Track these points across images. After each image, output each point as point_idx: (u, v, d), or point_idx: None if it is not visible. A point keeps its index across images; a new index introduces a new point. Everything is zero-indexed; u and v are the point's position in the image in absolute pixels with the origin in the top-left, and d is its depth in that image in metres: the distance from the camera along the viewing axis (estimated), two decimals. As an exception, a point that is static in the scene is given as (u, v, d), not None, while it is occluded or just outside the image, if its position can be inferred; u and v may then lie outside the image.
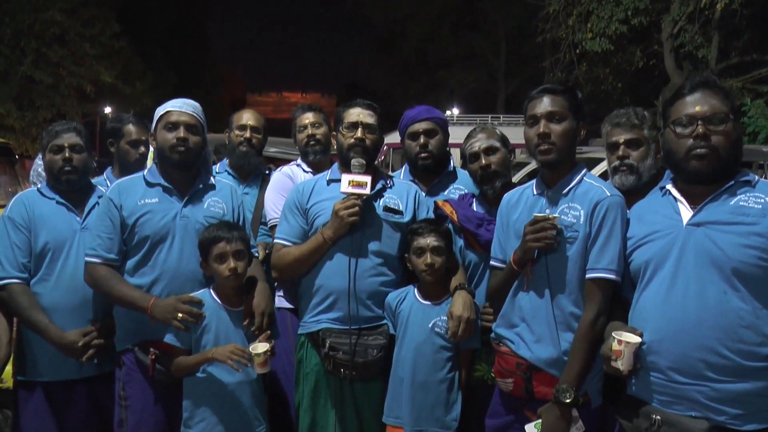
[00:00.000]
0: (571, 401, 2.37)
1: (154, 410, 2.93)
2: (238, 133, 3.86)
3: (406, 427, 2.84)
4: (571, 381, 2.39)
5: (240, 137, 3.84)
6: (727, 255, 2.09)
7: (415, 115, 3.34)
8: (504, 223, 2.72)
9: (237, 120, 3.92)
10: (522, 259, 2.54)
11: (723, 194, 2.18)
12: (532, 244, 2.47)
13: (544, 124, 2.50)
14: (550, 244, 2.45)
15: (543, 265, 2.52)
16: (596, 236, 2.43)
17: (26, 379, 3.04)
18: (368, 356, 2.87)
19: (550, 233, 2.44)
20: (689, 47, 14.98)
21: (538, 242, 2.46)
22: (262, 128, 3.92)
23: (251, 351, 2.72)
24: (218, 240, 2.83)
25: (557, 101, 2.52)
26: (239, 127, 3.88)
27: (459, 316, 2.76)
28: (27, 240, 3.00)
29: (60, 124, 3.17)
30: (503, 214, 2.74)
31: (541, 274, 2.52)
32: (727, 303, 2.08)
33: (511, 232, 2.66)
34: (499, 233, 2.75)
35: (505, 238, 2.70)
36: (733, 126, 2.17)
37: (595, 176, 2.62)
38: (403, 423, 2.85)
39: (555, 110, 2.51)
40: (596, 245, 2.43)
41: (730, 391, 2.06)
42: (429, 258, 2.85)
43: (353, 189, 2.86)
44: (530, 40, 20.44)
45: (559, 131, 2.50)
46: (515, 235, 2.62)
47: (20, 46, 19.57)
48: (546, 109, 2.51)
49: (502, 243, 2.72)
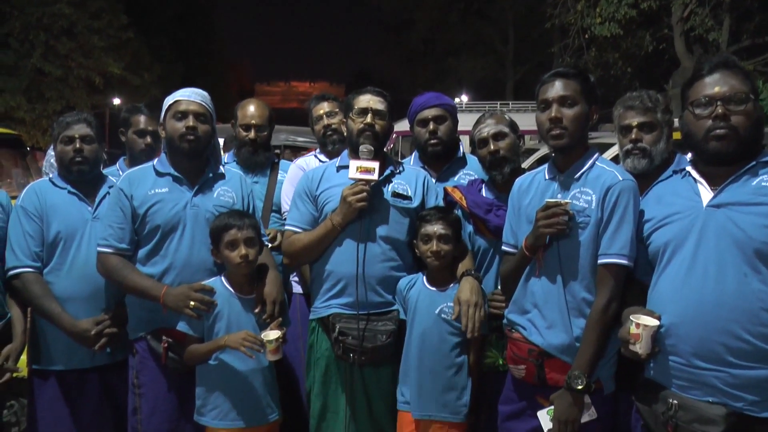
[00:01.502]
0: (583, 388, 2.36)
1: (167, 398, 2.95)
2: (243, 133, 3.78)
3: (413, 412, 2.86)
4: (583, 367, 2.38)
5: (245, 137, 3.76)
6: (749, 236, 2.06)
7: (424, 101, 3.33)
8: (515, 208, 2.70)
9: (241, 116, 3.82)
10: (534, 245, 2.52)
11: (744, 175, 2.14)
12: (544, 230, 2.45)
13: (556, 108, 2.47)
14: (562, 230, 2.43)
15: (555, 250, 2.49)
16: (608, 221, 2.40)
17: (40, 367, 3.07)
18: (377, 341, 2.88)
19: (562, 219, 2.41)
20: (700, 30, 14.82)
21: (550, 228, 2.43)
22: (267, 121, 3.84)
23: (263, 338, 2.74)
24: (229, 227, 2.84)
25: (569, 85, 2.49)
26: (243, 126, 3.79)
27: (466, 300, 2.76)
28: (39, 229, 3.02)
29: (71, 115, 3.18)
30: (515, 199, 2.72)
31: (553, 259, 2.50)
32: (748, 285, 2.05)
33: (522, 217, 2.65)
34: (511, 218, 2.74)
35: (517, 224, 2.68)
36: (754, 106, 2.14)
37: (607, 160, 2.59)
38: (411, 408, 2.87)
39: (567, 94, 2.47)
40: (608, 230, 2.40)
41: (749, 377, 2.04)
42: (435, 245, 2.85)
43: (361, 175, 2.86)
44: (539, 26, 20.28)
45: (570, 115, 2.47)
46: (527, 220, 2.60)
47: (29, 39, 19.70)
48: (558, 94, 2.48)
49: (514, 228, 2.70)
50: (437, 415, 2.84)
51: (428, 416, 2.85)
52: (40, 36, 19.71)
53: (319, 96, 3.97)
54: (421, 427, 2.87)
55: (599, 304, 2.39)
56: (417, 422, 2.87)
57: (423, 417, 2.85)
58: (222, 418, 2.85)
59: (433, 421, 2.85)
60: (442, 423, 2.84)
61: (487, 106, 14.66)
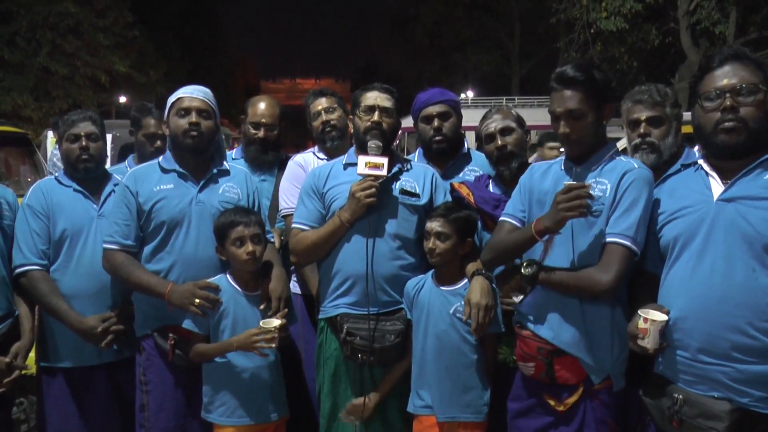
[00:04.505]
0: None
1: (174, 394, 2.96)
2: (252, 131, 3.74)
3: (438, 415, 2.81)
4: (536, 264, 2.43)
5: (254, 135, 3.73)
6: (758, 231, 2.04)
7: (428, 98, 3.31)
8: (526, 187, 2.63)
9: (252, 114, 3.78)
10: (549, 230, 2.40)
11: (756, 168, 2.11)
12: (566, 213, 2.30)
13: (563, 124, 2.43)
14: (584, 213, 2.31)
15: (569, 240, 2.44)
16: (618, 203, 2.35)
17: (48, 364, 3.08)
18: (385, 342, 2.85)
19: (585, 201, 2.30)
20: (706, 23, 14.75)
21: (572, 211, 2.29)
22: (277, 119, 3.80)
23: (262, 325, 2.73)
24: (236, 224, 2.84)
25: (575, 97, 2.41)
26: (253, 124, 3.75)
27: (477, 303, 2.71)
28: (46, 227, 3.03)
29: (76, 113, 3.19)
30: (527, 180, 2.64)
31: (566, 249, 2.45)
32: (755, 281, 2.03)
33: (534, 198, 2.58)
34: (518, 194, 2.65)
35: (526, 201, 2.61)
36: (765, 97, 2.09)
37: (626, 156, 2.54)
38: (434, 412, 2.82)
39: (573, 108, 2.41)
40: (617, 212, 2.34)
41: (754, 373, 2.02)
42: (432, 242, 2.83)
43: (370, 170, 2.84)
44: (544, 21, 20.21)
45: (579, 128, 2.42)
46: (537, 201, 2.55)
47: (36, 38, 19.75)
48: (565, 107, 2.42)
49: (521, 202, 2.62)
50: (461, 416, 2.79)
51: (452, 418, 2.79)
52: (47, 35, 19.76)
53: (316, 91, 3.87)
54: (446, 430, 2.81)
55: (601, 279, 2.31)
56: (441, 425, 2.82)
57: (447, 419, 2.80)
58: (229, 415, 2.85)
59: (457, 423, 2.80)
60: (465, 424, 2.80)
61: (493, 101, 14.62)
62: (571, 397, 2.49)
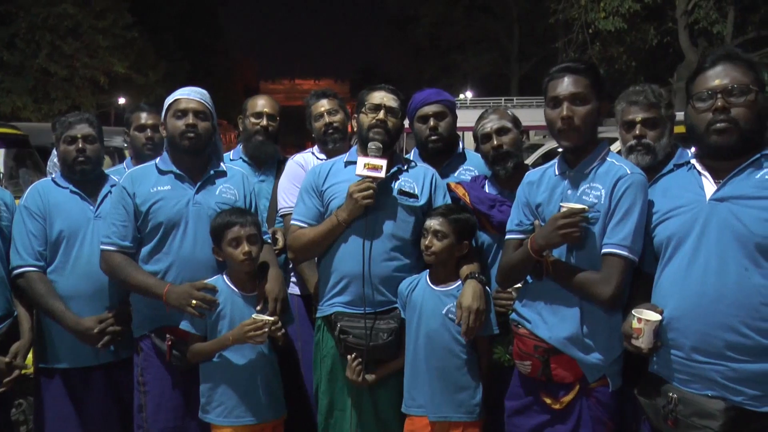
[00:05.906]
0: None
1: (172, 395, 2.96)
2: (254, 121, 3.72)
3: (429, 415, 2.82)
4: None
5: (256, 125, 3.71)
6: (750, 230, 2.05)
7: (424, 98, 3.32)
8: (524, 200, 2.64)
9: (252, 107, 3.78)
10: (543, 248, 2.44)
11: (748, 168, 2.12)
12: (563, 240, 2.37)
13: (567, 106, 2.41)
14: (579, 238, 2.37)
15: (566, 248, 2.45)
16: (614, 211, 2.36)
17: (46, 365, 3.09)
18: (378, 340, 2.87)
19: (581, 226, 2.34)
20: (704, 23, 14.75)
21: (567, 237, 2.36)
22: (277, 114, 3.80)
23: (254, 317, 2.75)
24: (232, 225, 2.84)
25: (580, 82, 2.42)
26: (255, 114, 3.74)
27: (468, 306, 2.72)
28: (42, 228, 3.03)
29: (73, 115, 3.20)
30: (524, 192, 2.65)
31: (566, 257, 2.46)
32: (748, 280, 2.04)
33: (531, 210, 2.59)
34: (517, 208, 2.66)
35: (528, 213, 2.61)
36: (756, 97, 2.10)
37: (617, 155, 2.54)
38: (426, 411, 2.83)
39: (578, 91, 2.41)
40: (613, 221, 2.36)
41: (748, 371, 2.03)
42: (428, 240, 2.83)
43: (368, 172, 2.85)
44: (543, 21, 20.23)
45: (582, 113, 2.41)
46: (534, 215, 2.56)
47: (35, 39, 19.78)
48: (569, 91, 2.41)
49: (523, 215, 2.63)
50: (453, 416, 2.80)
51: (444, 418, 2.80)
52: (46, 36, 19.78)
53: (318, 92, 3.85)
54: (437, 429, 2.83)
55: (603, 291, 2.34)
56: (433, 425, 2.83)
57: (439, 419, 2.81)
58: (227, 415, 2.86)
59: (449, 423, 2.81)
60: (458, 423, 2.81)
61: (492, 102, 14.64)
62: (567, 396, 2.51)
